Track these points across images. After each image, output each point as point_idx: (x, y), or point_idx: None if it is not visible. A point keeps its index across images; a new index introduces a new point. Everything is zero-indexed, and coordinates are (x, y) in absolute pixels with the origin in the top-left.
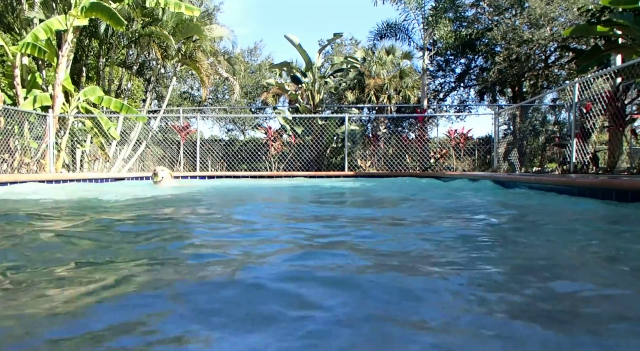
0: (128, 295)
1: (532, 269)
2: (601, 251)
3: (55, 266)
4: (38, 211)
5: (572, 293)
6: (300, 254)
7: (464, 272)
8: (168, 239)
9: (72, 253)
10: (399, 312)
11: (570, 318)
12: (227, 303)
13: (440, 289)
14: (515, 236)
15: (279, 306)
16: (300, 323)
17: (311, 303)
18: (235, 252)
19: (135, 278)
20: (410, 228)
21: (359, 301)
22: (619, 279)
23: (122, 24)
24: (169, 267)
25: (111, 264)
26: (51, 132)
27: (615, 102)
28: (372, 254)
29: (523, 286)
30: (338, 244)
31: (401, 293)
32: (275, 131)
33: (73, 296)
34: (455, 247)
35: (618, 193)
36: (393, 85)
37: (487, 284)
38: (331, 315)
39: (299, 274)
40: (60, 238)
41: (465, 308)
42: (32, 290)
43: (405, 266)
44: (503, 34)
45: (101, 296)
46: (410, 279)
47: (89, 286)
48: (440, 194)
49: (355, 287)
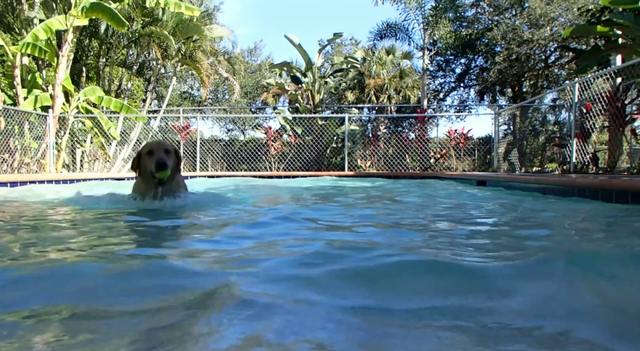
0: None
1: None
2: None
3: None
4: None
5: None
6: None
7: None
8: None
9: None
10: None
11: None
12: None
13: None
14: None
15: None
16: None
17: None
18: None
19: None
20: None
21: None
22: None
23: (124, 25)
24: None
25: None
26: (51, 132)
27: (615, 102)
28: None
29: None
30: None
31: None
32: (275, 131)
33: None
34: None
35: (618, 193)
36: (393, 85)
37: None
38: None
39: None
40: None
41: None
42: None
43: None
44: (503, 34)
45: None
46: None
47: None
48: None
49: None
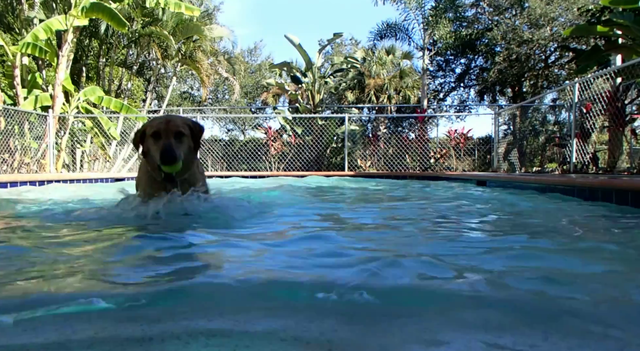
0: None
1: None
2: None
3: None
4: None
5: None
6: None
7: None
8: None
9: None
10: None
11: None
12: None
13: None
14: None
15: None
16: None
17: None
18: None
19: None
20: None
21: None
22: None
23: (124, 25)
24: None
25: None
26: (51, 132)
27: (615, 102)
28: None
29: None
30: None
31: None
32: (275, 131)
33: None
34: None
35: (618, 194)
36: (393, 85)
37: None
38: None
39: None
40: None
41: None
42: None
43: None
44: (503, 34)
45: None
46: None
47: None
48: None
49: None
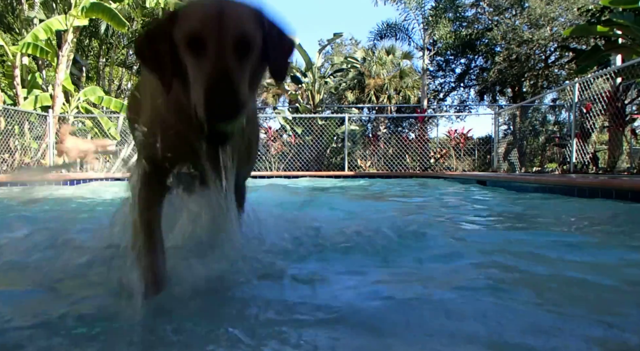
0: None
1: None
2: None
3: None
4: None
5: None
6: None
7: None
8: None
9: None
10: None
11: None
12: None
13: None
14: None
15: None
16: None
17: None
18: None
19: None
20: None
21: None
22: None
23: (124, 25)
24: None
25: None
26: (51, 132)
27: (615, 102)
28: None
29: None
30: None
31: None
32: (275, 131)
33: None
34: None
35: (618, 193)
36: (393, 85)
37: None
38: None
39: None
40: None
41: None
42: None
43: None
44: (503, 34)
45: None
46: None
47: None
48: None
49: None
